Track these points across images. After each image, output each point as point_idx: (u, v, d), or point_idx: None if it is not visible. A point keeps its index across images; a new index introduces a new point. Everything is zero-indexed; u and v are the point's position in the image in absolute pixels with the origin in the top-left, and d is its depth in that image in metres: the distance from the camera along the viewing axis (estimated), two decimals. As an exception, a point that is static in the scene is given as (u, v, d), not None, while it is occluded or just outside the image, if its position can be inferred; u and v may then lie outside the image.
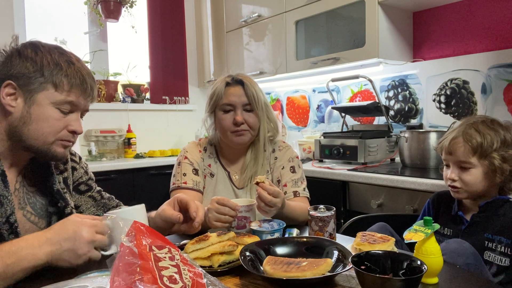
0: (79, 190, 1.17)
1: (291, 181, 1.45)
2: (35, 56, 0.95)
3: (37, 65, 0.94)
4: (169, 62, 3.23)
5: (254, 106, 1.41)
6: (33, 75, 0.94)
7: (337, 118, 2.77)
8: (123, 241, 0.75)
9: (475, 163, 1.20)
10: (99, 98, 2.92)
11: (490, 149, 1.18)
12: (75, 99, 0.98)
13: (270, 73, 2.78)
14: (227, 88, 1.42)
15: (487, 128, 1.21)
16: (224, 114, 1.41)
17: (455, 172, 1.23)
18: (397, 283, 0.74)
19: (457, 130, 1.25)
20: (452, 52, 2.18)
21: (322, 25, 2.51)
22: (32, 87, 0.94)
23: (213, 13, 3.26)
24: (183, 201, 1.07)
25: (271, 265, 0.84)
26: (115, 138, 2.91)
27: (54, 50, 0.98)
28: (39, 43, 0.99)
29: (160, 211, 1.08)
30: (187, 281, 0.70)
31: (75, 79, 0.97)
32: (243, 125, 1.40)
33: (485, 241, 1.17)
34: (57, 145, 0.98)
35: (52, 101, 0.96)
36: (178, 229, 1.09)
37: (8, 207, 0.94)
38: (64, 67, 0.96)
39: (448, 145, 1.24)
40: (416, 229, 0.89)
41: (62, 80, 0.95)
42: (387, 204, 1.81)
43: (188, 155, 1.47)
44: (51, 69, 0.95)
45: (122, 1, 2.96)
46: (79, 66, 0.99)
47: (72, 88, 0.97)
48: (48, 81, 0.95)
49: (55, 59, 0.96)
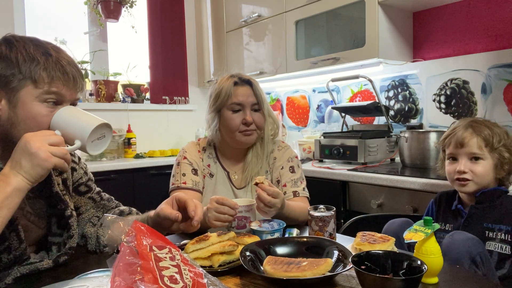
0: (79, 191, 1.16)
1: (290, 181, 1.45)
2: (10, 53, 0.90)
3: (13, 63, 0.89)
4: (169, 62, 3.23)
5: (262, 105, 1.43)
6: (10, 74, 0.89)
7: (337, 118, 2.77)
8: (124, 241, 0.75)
9: (486, 155, 1.24)
10: (99, 98, 2.93)
11: (498, 143, 1.24)
12: (57, 90, 0.93)
13: (270, 73, 2.78)
14: (235, 87, 1.42)
15: (492, 124, 1.28)
16: (233, 113, 1.41)
17: (465, 164, 1.25)
18: (397, 283, 0.74)
19: (463, 125, 1.29)
20: (452, 52, 2.19)
21: (322, 25, 2.51)
22: (12, 85, 0.90)
23: (213, 13, 3.26)
24: (181, 200, 1.06)
25: (271, 265, 0.85)
26: (115, 138, 2.91)
27: (29, 43, 0.93)
28: (12, 37, 0.93)
29: (158, 210, 1.08)
30: (188, 281, 0.70)
31: (55, 71, 0.91)
32: (252, 125, 1.41)
33: (485, 231, 1.19)
34: None
35: (35, 96, 0.91)
36: (177, 228, 1.09)
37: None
38: (41, 61, 0.91)
39: (460, 137, 1.26)
40: (416, 229, 0.89)
41: (40, 75, 0.90)
42: (387, 204, 1.81)
43: (187, 155, 1.47)
44: (28, 64, 0.90)
45: (122, 1, 2.96)
46: (57, 56, 0.93)
47: (52, 81, 0.91)
48: (27, 77, 0.90)
49: (31, 53, 0.91)
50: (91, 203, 1.19)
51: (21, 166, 0.82)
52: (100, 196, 1.22)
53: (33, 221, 1.02)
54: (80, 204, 1.16)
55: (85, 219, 1.16)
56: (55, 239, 1.04)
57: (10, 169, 0.83)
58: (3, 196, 0.80)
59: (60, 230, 1.04)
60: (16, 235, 0.93)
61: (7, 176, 0.82)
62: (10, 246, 0.92)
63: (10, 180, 0.82)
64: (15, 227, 0.93)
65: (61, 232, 1.04)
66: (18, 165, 0.82)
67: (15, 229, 0.93)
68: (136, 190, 2.55)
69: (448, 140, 1.31)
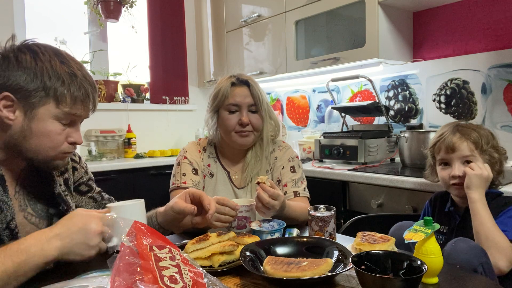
0: (80, 191, 1.17)
1: (291, 181, 1.45)
2: (35, 66, 0.89)
3: (38, 78, 0.88)
4: (169, 62, 3.23)
5: (259, 106, 1.41)
6: (33, 89, 0.88)
7: (337, 118, 2.77)
8: (124, 241, 0.75)
9: (477, 157, 1.24)
10: (99, 98, 2.93)
11: (486, 144, 1.25)
12: (77, 112, 0.94)
13: (270, 73, 2.78)
14: (232, 88, 1.42)
15: (475, 126, 1.29)
16: (230, 114, 1.41)
17: (459, 169, 1.24)
18: (397, 283, 0.74)
19: (449, 130, 1.29)
20: (452, 52, 2.19)
21: (322, 25, 2.51)
22: (32, 100, 0.89)
23: (213, 13, 3.26)
24: (195, 195, 1.08)
25: (271, 265, 0.85)
26: (115, 138, 2.91)
27: (55, 58, 0.92)
28: (37, 48, 0.92)
29: (172, 204, 1.08)
30: (188, 281, 0.70)
31: (78, 93, 0.92)
32: (248, 126, 1.40)
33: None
34: (58, 158, 0.97)
35: (54, 114, 0.91)
36: (188, 222, 1.10)
37: (8, 212, 0.92)
38: (66, 81, 0.90)
39: (450, 142, 1.26)
40: (416, 229, 0.89)
41: (64, 95, 0.90)
42: (387, 204, 1.81)
43: (188, 155, 1.47)
44: (53, 82, 0.89)
45: (122, 1, 2.96)
46: (81, 78, 0.93)
47: (75, 104, 0.92)
48: (50, 95, 0.89)
49: (57, 72, 0.90)
50: (92, 202, 1.19)
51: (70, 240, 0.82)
52: (101, 196, 1.22)
53: (33, 223, 1.01)
54: (81, 204, 1.16)
55: None
56: None
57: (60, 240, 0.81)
58: (42, 260, 0.79)
59: None
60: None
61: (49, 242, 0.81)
62: None
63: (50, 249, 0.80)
64: (14, 235, 0.93)
65: None
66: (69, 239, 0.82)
67: (15, 237, 0.93)
68: (136, 190, 2.55)
69: (438, 146, 1.30)
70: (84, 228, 0.82)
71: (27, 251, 0.79)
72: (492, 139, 1.28)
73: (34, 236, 0.82)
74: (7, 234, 0.92)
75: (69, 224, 0.83)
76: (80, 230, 0.82)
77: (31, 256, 0.78)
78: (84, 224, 0.83)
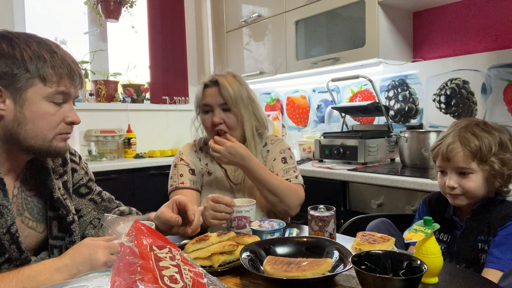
0: (80, 193, 1.15)
1: (282, 170, 1.46)
2: (13, 50, 0.87)
3: (19, 61, 0.87)
4: (169, 62, 3.23)
5: (231, 105, 1.40)
6: (17, 72, 0.87)
7: (337, 118, 2.77)
8: (124, 241, 0.75)
9: (475, 168, 1.14)
10: (99, 98, 2.93)
11: (489, 153, 1.13)
12: (66, 89, 0.92)
13: (270, 73, 2.78)
14: (205, 89, 1.45)
15: (482, 131, 1.16)
16: (204, 115, 1.45)
17: (454, 179, 1.16)
18: (397, 283, 0.74)
19: (451, 134, 1.18)
20: (452, 52, 2.19)
21: (322, 25, 2.51)
22: (18, 85, 0.87)
23: (213, 13, 3.26)
24: (181, 203, 1.06)
25: (271, 265, 0.85)
26: (115, 138, 2.91)
27: (31, 40, 0.90)
28: (10, 34, 0.90)
29: (159, 213, 1.08)
30: (188, 281, 0.70)
31: (62, 69, 0.91)
32: (221, 125, 1.41)
33: (479, 244, 1.14)
34: (57, 140, 0.95)
35: (43, 95, 0.90)
36: (176, 231, 1.10)
37: (9, 217, 0.91)
38: (47, 58, 0.89)
39: (445, 151, 1.16)
40: (416, 229, 0.89)
41: (49, 72, 0.89)
42: (387, 204, 1.81)
43: (184, 157, 1.50)
44: (35, 62, 0.87)
45: (122, 1, 2.96)
46: (61, 53, 0.92)
47: (61, 80, 0.91)
48: (35, 75, 0.88)
49: (36, 51, 0.88)
50: (92, 205, 1.17)
51: (78, 271, 0.82)
52: (101, 197, 1.20)
53: (31, 227, 1.00)
54: (81, 206, 1.15)
55: (86, 221, 1.15)
56: (57, 242, 1.03)
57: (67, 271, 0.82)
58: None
59: (61, 234, 1.03)
60: (16, 247, 0.92)
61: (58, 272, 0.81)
62: (11, 258, 0.92)
63: (59, 279, 0.80)
64: (15, 240, 0.92)
65: (63, 235, 1.03)
66: (76, 270, 0.82)
67: (16, 241, 0.92)
68: (136, 190, 2.55)
69: (436, 152, 1.21)
70: (90, 259, 0.83)
71: (36, 278, 0.79)
72: (500, 148, 1.14)
73: (45, 263, 0.83)
74: (8, 238, 0.91)
75: (76, 254, 0.84)
76: (85, 261, 0.83)
77: (40, 284, 0.79)
78: (90, 254, 0.83)
